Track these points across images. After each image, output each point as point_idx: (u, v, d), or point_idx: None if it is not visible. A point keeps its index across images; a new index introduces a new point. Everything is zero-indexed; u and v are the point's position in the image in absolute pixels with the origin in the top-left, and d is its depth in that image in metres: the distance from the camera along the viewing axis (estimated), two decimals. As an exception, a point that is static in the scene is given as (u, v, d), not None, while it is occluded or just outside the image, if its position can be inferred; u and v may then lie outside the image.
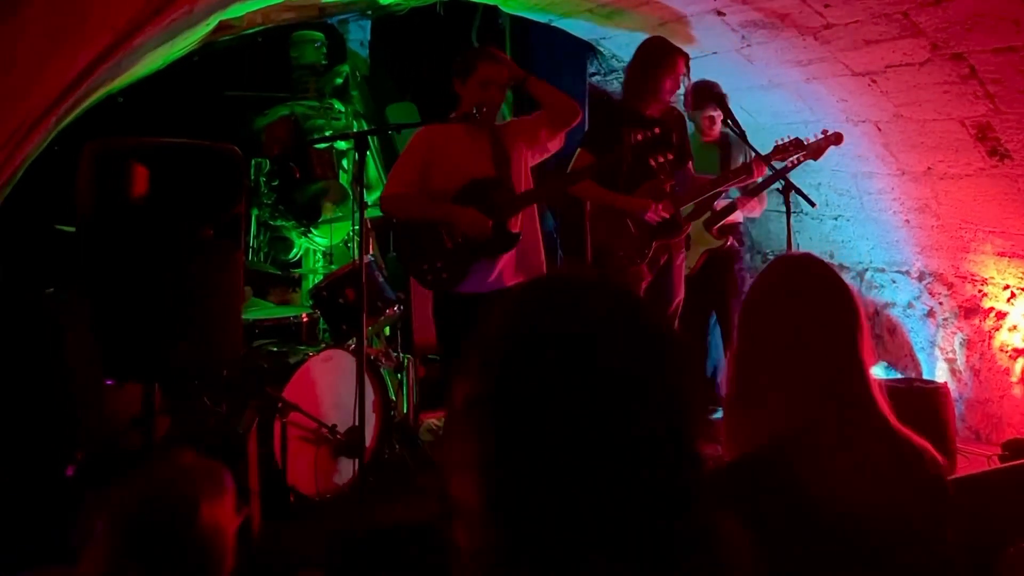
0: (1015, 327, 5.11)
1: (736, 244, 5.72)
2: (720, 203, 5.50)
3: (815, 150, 4.93)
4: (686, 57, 4.90)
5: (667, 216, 4.83)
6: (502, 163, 4.36)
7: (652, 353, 1.07)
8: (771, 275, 1.90)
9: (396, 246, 4.61)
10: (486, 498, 1.04)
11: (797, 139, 4.92)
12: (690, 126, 5.76)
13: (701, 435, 1.07)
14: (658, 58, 4.87)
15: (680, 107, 5.35)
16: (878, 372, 1.82)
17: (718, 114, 5.48)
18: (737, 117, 5.07)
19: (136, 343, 3.03)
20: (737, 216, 5.64)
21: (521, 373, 1.04)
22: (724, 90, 5.45)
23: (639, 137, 4.63)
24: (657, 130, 4.70)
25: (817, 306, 1.77)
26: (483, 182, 4.31)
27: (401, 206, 4.38)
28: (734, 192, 5.51)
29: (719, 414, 1.78)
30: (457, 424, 1.09)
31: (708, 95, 5.43)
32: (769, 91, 5.74)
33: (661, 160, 4.63)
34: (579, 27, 6.39)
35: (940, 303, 5.57)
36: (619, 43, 6.29)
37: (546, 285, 1.18)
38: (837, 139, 4.90)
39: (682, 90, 5.09)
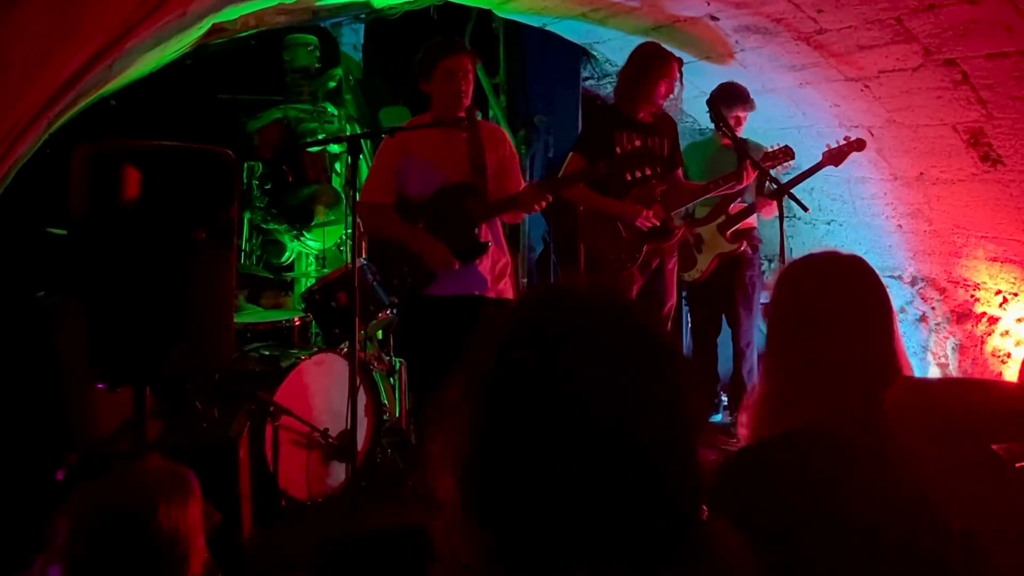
0: (1007, 332, 5.12)
1: (749, 250, 5.66)
2: (735, 207, 5.48)
3: (836, 156, 4.93)
4: (680, 62, 4.91)
5: (656, 223, 4.85)
6: (478, 168, 4.28)
7: (643, 361, 1.07)
8: (804, 272, 1.89)
9: (368, 250, 4.57)
10: (467, 501, 1.05)
11: (787, 147, 4.92)
12: (710, 129, 5.77)
13: (697, 443, 1.08)
14: (652, 63, 4.88)
15: (680, 110, 5.35)
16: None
17: (744, 114, 5.45)
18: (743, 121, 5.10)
19: (128, 346, 3.02)
20: (752, 220, 5.61)
21: (510, 380, 1.06)
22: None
23: (619, 149, 4.63)
24: (638, 143, 4.71)
25: (855, 302, 1.76)
26: (458, 187, 4.26)
27: (376, 220, 4.32)
28: (750, 196, 5.50)
29: (714, 418, 1.77)
30: (444, 428, 1.10)
31: (713, 98, 5.41)
32: (762, 96, 5.75)
33: (639, 175, 4.62)
34: (573, 31, 6.39)
35: (932, 308, 5.59)
36: (613, 47, 6.30)
37: (541, 296, 1.19)
38: (860, 145, 4.91)
39: (676, 93, 5.09)
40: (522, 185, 4.45)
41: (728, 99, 5.34)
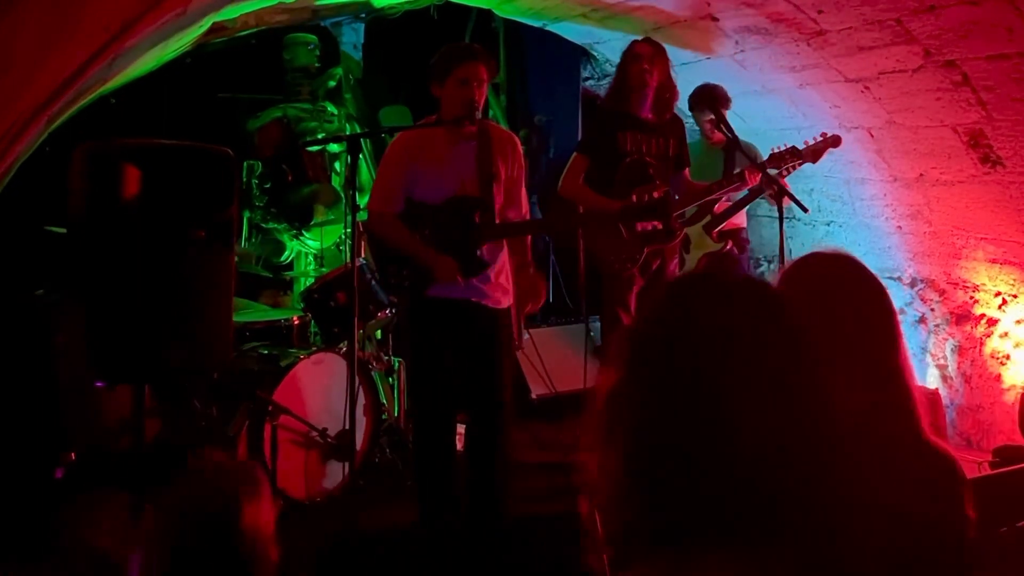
0: (1006, 334, 5.12)
1: (735, 250, 5.64)
2: (721, 206, 5.47)
3: (813, 153, 4.91)
4: (647, 41, 4.90)
5: (659, 225, 4.82)
6: (486, 179, 4.10)
7: (788, 347, 1.10)
8: (809, 272, 1.85)
9: (368, 248, 4.48)
10: (630, 481, 1.09)
11: (793, 147, 4.91)
12: (696, 131, 5.77)
13: (837, 425, 1.10)
14: (623, 55, 4.91)
15: (677, 109, 5.32)
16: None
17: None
18: (731, 122, 5.07)
19: (127, 345, 3.01)
20: (739, 221, 5.60)
21: (655, 362, 1.10)
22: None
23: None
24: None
25: (860, 308, 1.75)
26: (465, 201, 4.08)
27: (385, 230, 4.17)
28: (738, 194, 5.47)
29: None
30: (601, 413, 1.13)
31: (706, 98, 5.42)
32: (762, 97, 5.75)
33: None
34: (573, 31, 6.39)
35: (932, 309, 5.58)
36: (613, 48, 6.29)
37: (688, 284, 1.22)
38: (835, 142, 4.88)
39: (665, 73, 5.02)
40: (522, 203, 4.28)
41: (711, 100, 5.35)
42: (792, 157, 4.88)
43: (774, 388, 1.06)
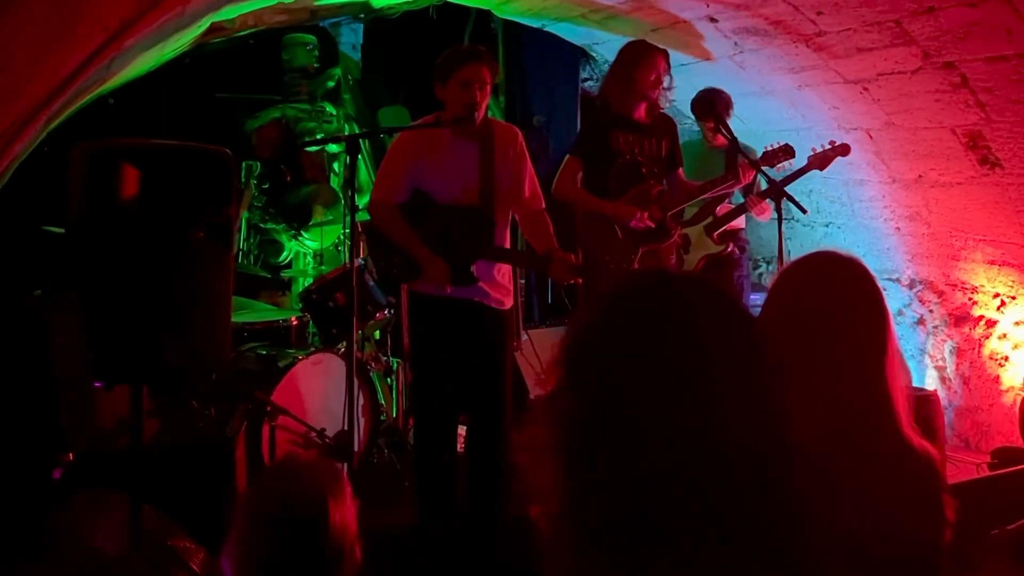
0: (1005, 335, 5.12)
1: (736, 252, 5.63)
2: (723, 208, 5.47)
3: (821, 160, 4.91)
4: (665, 54, 4.89)
5: (651, 224, 4.81)
6: (488, 187, 4.08)
7: (733, 345, 1.06)
8: (804, 271, 1.83)
9: (368, 232, 4.48)
10: (566, 488, 1.05)
11: (787, 145, 4.90)
12: (697, 132, 5.77)
13: (789, 431, 1.06)
14: (636, 58, 4.87)
15: (675, 110, 5.32)
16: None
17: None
18: (730, 124, 5.07)
19: (125, 345, 3.01)
20: (739, 223, 5.59)
21: (600, 366, 1.05)
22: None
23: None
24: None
25: (850, 309, 1.73)
26: (469, 213, 4.06)
27: (385, 219, 4.15)
28: (738, 197, 5.46)
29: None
30: (540, 414, 1.09)
31: (707, 105, 5.40)
32: (761, 98, 5.75)
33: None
34: (572, 32, 6.39)
35: (930, 311, 5.59)
36: (612, 48, 6.28)
37: (630, 285, 1.17)
38: (844, 150, 4.88)
39: (666, 85, 5.03)
40: (531, 198, 4.25)
41: (711, 106, 5.34)
42: (785, 155, 4.88)
43: (715, 394, 1.02)
